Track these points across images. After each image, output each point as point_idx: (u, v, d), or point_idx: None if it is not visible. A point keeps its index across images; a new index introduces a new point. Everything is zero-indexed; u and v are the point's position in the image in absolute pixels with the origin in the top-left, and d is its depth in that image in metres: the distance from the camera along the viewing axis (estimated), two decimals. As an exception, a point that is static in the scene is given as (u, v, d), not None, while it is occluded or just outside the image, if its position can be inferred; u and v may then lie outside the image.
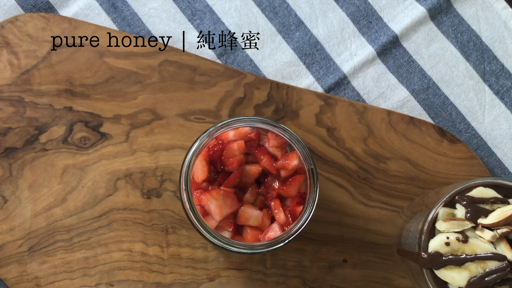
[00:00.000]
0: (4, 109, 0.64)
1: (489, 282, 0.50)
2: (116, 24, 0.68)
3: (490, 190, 0.52)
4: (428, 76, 0.68)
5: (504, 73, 0.68)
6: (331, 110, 0.66)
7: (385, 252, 0.64)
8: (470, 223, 0.51)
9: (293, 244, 0.63)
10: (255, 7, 0.69)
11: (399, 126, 0.66)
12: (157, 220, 0.63)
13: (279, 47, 0.68)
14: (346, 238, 0.64)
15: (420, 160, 0.66)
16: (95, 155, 0.64)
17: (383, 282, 0.64)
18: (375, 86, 0.68)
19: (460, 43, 0.69)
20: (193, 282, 0.63)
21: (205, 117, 0.65)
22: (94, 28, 0.66)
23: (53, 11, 0.68)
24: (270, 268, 0.63)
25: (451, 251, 0.51)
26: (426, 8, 0.69)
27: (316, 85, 0.68)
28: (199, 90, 0.66)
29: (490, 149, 0.67)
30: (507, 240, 0.51)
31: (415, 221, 0.55)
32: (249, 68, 0.68)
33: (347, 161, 0.65)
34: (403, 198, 0.65)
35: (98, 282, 0.62)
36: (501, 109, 0.68)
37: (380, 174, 0.65)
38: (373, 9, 0.69)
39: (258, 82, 0.66)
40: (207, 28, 0.68)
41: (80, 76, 0.65)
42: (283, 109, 0.66)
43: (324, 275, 0.63)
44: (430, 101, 0.68)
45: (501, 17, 0.69)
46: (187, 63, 0.66)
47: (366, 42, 0.69)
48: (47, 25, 0.66)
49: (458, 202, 0.52)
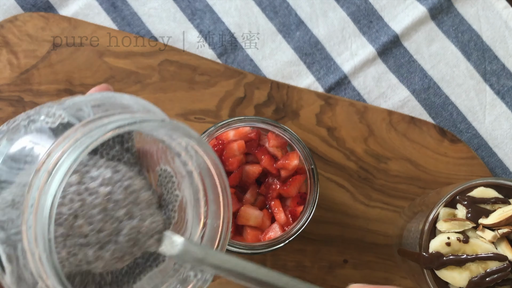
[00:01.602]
0: (4, 109, 0.64)
1: (490, 282, 0.50)
2: (116, 24, 0.68)
3: (491, 190, 0.52)
4: (429, 76, 0.68)
5: (505, 73, 0.68)
6: (332, 110, 0.66)
7: (385, 252, 0.64)
8: (471, 223, 0.51)
9: (293, 245, 0.63)
10: (255, 7, 0.69)
11: (399, 126, 0.66)
12: (157, 220, 0.63)
13: (279, 47, 0.68)
14: (346, 239, 0.64)
15: (420, 160, 0.65)
16: (95, 155, 0.64)
17: (384, 282, 0.63)
18: (375, 86, 0.68)
19: (461, 42, 0.69)
20: (193, 282, 0.63)
21: (205, 117, 0.65)
22: (94, 27, 0.66)
23: (53, 10, 0.68)
24: (271, 268, 0.63)
25: (452, 251, 0.50)
26: (427, 7, 0.69)
27: (316, 85, 0.68)
28: (199, 90, 0.66)
29: (491, 149, 0.67)
30: (508, 240, 0.51)
31: (415, 221, 0.55)
32: (249, 67, 0.68)
33: (347, 161, 0.65)
34: (403, 198, 0.65)
35: (97, 282, 0.62)
36: (502, 109, 0.68)
37: (380, 174, 0.65)
38: (373, 9, 0.69)
39: (258, 82, 0.66)
40: (207, 28, 0.68)
41: (80, 75, 0.65)
42: (284, 109, 0.66)
43: (325, 276, 0.63)
44: (431, 101, 0.68)
45: (502, 17, 0.69)
46: (187, 62, 0.66)
47: (366, 41, 0.69)
48: (46, 25, 0.66)
49: (459, 202, 0.52)
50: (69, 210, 0.41)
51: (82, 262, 0.41)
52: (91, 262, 0.41)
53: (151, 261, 0.45)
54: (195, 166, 0.44)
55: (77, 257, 0.41)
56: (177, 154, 0.44)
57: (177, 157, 0.44)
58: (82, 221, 0.40)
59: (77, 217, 0.41)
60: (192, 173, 0.44)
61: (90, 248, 0.41)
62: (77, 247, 0.41)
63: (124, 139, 0.44)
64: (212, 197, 0.44)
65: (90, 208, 0.41)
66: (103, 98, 0.40)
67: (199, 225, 0.44)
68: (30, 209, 0.33)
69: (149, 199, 0.43)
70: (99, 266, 0.41)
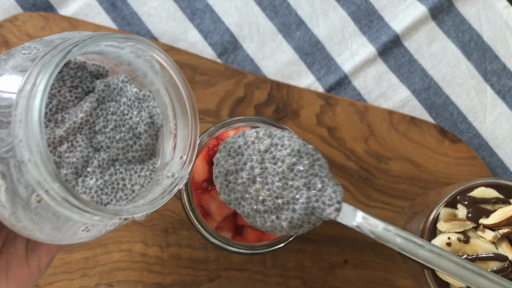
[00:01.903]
0: (4, 109, 0.64)
1: (490, 283, 0.49)
2: (116, 23, 0.68)
3: (492, 190, 0.52)
4: (429, 76, 0.68)
5: (506, 73, 0.68)
6: (332, 110, 0.66)
7: (386, 252, 0.64)
8: (471, 224, 0.51)
9: (293, 245, 0.63)
10: (256, 6, 0.69)
11: (400, 126, 0.66)
12: (157, 220, 0.63)
13: (279, 47, 0.68)
14: (346, 239, 0.64)
15: (421, 160, 0.65)
16: (95, 155, 0.64)
17: (384, 282, 0.63)
18: (376, 86, 0.68)
19: (462, 42, 0.69)
20: (193, 282, 0.63)
21: (205, 117, 0.65)
22: (94, 27, 0.66)
23: (53, 10, 0.68)
24: (271, 268, 0.63)
25: (453, 251, 0.50)
26: (427, 7, 0.69)
27: (316, 84, 0.68)
28: (199, 90, 0.66)
29: (491, 149, 0.67)
30: (509, 240, 0.51)
31: (416, 222, 0.55)
32: (250, 67, 0.68)
33: (348, 161, 0.65)
34: (404, 198, 0.65)
35: (97, 282, 0.62)
36: (502, 109, 0.68)
37: (381, 174, 0.65)
38: (374, 8, 0.69)
39: (259, 82, 0.66)
40: (207, 28, 0.68)
41: (80, 75, 0.65)
42: (284, 109, 0.66)
43: (325, 276, 0.63)
44: (431, 101, 0.68)
45: (503, 17, 0.69)
46: (187, 62, 0.66)
47: (367, 41, 0.69)
48: (46, 24, 0.66)
49: (459, 202, 0.52)
50: (247, 175, 0.47)
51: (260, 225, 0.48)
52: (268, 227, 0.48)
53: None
54: (161, 83, 0.47)
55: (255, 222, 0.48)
56: (143, 75, 0.48)
57: (143, 78, 0.48)
58: (259, 186, 0.47)
59: (255, 182, 0.47)
60: (159, 91, 0.48)
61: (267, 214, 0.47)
62: (253, 212, 0.48)
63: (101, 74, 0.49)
64: (179, 111, 0.48)
65: (270, 175, 0.47)
66: (74, 32, 0.44)
67: (170, 138, 0.48)
68: (19, 124, 0.36)
69: (329, 171, 0.48)
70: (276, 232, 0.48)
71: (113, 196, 0.46)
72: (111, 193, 0.46)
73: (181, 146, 0.48)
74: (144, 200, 0.44)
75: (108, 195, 0.46)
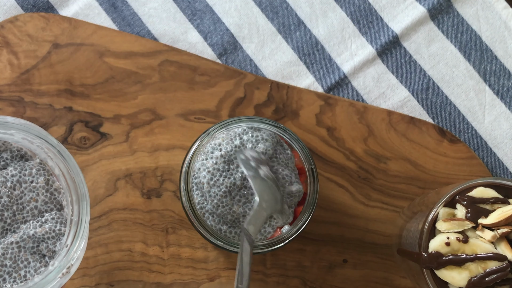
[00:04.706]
0: (4, 109, 0.64)
1: (489, 282, 0.50)
2: (116, 24, 0.68)
3: (491, 190, 0.52)
4: (428, 76, 0.68)
5: (505, 73, 0.68)
6: (331, 110, 0.66)
7: (385, 252, 0.64)
8: (470, 223, 0.51)
9: (293, 244, 0.63)
10: (255, 7, 0.69)
11: (399, 126, 0.66)
12: (157, 220, 0.63)
13: (279, 47, 0.68)
14: (346, 238, 0.64)
15: (420, 160, 0.65)
16: (95, 155, 0.64)
17: (383, 282, 0.64)
18: (375, 86, 0.68)
19: (461, 43, 0.69)
20: (193, 282, 0.63)
21: (205, 117, 0.65)
22: (94, 28, 0.66)
23: (53, 11, 0.68)
24: (270, 268, 0.63)
25: (452, 251, 0.50)
26: (426, 8, 0.69)
27: (316, 85, 0.68)
28: (199, 90, 0.66)
29: (490, 149, 0.67)
30: (508, 240, 0.51)
31: (415, 221, 0.55)
32: (249, 68, 0.68)
33: (347, 161, 0.65)
34: (403, 198, 0.65)
35: (98, 282, 0.62)
36: (501, 109, 0.68)
37: (380, 174, 0.65)
38: (373, 9, 0.69)
39: (258, 82, 0.66)
40: (207, 28, 0.68)
41: (80, 76, 0.65)
42: (283, 109, 0.66)
43: (325, 275, 0.63)
44: (431, 101, 0.68)
45: (502, 17, 0.69)
46: (187, 63, 0.66)
47: (366, 42, 0.69)
48: (47, 25, 0.66)
49: (458, 202, 0.52)
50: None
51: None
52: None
53: None
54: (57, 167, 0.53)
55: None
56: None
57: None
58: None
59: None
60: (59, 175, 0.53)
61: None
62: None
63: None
64: (75, 198, 0.52)
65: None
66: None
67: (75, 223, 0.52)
68: None
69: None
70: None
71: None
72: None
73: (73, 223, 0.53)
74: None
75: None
